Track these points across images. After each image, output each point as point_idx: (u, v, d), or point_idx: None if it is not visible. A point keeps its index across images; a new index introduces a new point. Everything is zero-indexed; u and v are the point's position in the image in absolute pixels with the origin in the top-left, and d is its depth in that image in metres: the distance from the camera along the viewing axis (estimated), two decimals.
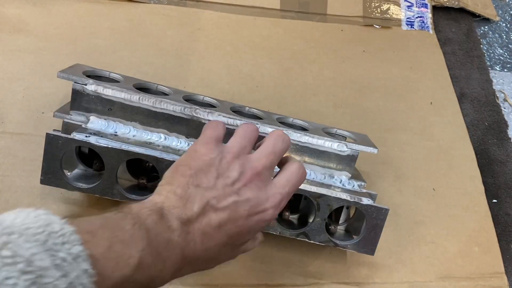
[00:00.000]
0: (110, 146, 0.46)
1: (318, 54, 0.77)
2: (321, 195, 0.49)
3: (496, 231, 0.63)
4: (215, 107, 0.55)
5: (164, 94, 0.55)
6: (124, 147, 0.46)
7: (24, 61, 0.64)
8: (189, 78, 0.68)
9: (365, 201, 0.50)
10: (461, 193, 0.66)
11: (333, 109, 0.71)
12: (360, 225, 0.52)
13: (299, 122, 0.57)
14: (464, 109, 0.76)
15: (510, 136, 0.75)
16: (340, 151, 0.53)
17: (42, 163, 0.46)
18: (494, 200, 0.67)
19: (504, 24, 0.93)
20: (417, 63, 0.80)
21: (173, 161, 0.46)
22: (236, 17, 0.78)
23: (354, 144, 0.53)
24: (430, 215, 0.63)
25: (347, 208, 0.55)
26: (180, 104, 0.51)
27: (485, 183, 0.68)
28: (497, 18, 0.92)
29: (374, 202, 0.50)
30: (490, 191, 0.67)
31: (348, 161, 0.54)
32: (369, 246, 0.51)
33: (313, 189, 0.49)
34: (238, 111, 0.55)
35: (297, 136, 0.53)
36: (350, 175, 0.54)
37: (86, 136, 0.46)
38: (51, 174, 0.46)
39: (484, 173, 0.69)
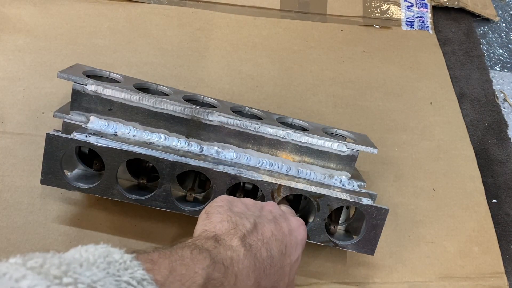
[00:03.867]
0: (110, 146, 0.46)
1: (318, 54, 0.77)
2: (321, 195, 0.49)
3: (496, 231, 0.63)
4: (215, 107, 0.55)
5: (164, 94, 0.55)
6: (124, 147, 0.46)
7: (24, 61, 0.64)
8: (189, 78, 0.68)
9: (365, 201, 0.50)
10: (461, 193, 0.66)
11: (333, 109, 0.71)
12: (360, 225, 0.52)
13: (299, 122, 0.57)
14: (464, 109, 0.76)
15: (510, 136, 0.75)
16: (340, 151, 0.53)
17: (42, 163, 0.46)
18: (494, 200, 0.67)
19: (504, 24, 0.93)
20: (417, 63, 0.80)
21: (173, 161, 0.46)
22: (236, 17, 0.78)
23: (354, 144, 0.53)
24: (430, 215, 0.63)
25: (347, 208, 0.55)
26: (180, 104, 0.51)
27: (485, 183, 0.68)
28: (497, 18, 0.92)
29: (374, 202, 0.50)
30: (490, 191, 0.68)
31: (348, 161, 0.54)
32: (369, 246, 0.51)
33: (313, 189, 0.49)
34: (238, 111, 0.55)
35: (297, 136, 0.53)
36: (350, 175, 0.54)
37: (86, 136, 0.46)
38: (51, 174, 0.46)
39: (484, 173, 0.69)
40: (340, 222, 0.55)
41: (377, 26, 0.84)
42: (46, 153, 0.45)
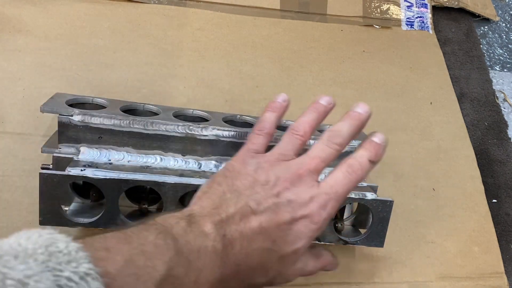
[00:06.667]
0: (108, 177, 0.44)
1: (318, 54, 0.77)
2: None
3: (496, 231, 0.63)
4: (207, 120, 0.54)
5: (152, 113, 0.53)
6: (123, 175, 0.44)
7: (24, 61, 0.64)
8: (189, 78, 0.68)
9: (369, 195, 0.50)
10: (461, 193, 0.66)
11: (333, 109, 0.71)
12: (364, 218, 0.52)
13: (291, 123, 0.57)
14: (464, 109, 0.76)
15: (510, 136, 0.75)
16: None
17: (39, 204, 0.44)
18: (494, 200, 0.67)
19: (504, 24, 0.93)
20: (417, 63, 0.80)
21: (175, 183, 0.45)
22: (236, 17, 0.78)
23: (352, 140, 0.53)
24: (430, 215, 0.63)
25: (350, 203, 0.55)
26: (172, 122, 0.49)
27: (485, 183, 0.68)
28: (497, 18, 0.92)
29: (377, 195, 0.51)
30: (490, 191, 0.68)
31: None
32: (378, 239, 0.51)
33: None
34: (230, 121, 0.55)
35: None
36: None
37: (82, 170, 0.44)
38: (50, 214, 0.43)
39: (484, 173, 0.69)
40: (344, 217, 0.55)
41: (377, 26, 0.84)
42: (42, 193, 0.43)
